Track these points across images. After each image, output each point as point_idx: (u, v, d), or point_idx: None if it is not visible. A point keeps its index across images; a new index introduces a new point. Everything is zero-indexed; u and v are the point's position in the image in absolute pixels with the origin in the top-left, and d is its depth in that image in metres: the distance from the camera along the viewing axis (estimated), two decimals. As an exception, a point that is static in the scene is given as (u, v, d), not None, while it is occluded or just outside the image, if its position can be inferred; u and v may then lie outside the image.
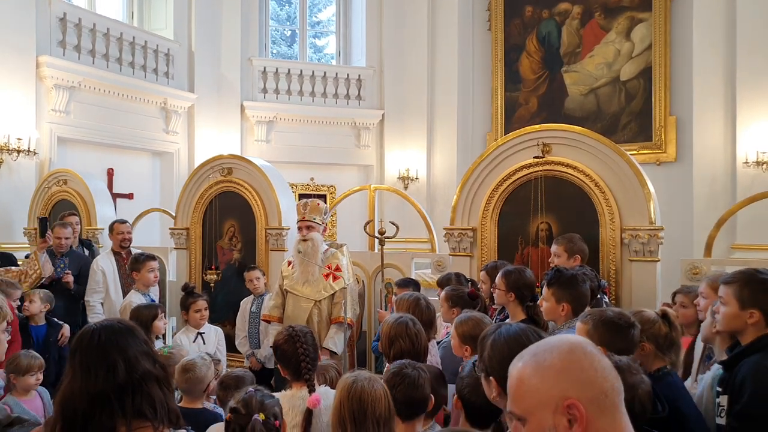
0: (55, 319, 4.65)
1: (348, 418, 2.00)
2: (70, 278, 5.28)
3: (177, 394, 3.33)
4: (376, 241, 4.70)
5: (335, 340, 4.28)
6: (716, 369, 2.40)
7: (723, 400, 2.16)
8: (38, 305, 4.41)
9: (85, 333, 1.63)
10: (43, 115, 7.50)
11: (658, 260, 3.88)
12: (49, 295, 4.55)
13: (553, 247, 3.66)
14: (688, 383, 2.74)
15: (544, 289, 2.74)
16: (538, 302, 2.96)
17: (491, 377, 1.65)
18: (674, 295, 3.46)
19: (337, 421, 2.03)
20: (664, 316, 2.45)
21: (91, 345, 1.60)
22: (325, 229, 4.62)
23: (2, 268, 5.03)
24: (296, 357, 2.76)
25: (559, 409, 1.13)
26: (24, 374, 3.22)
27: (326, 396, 2.57)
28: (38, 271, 4.87)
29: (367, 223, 4.44)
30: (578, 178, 4.06)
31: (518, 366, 1.21)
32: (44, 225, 5.01)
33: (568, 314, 2.64)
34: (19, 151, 6.83)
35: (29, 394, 3.27)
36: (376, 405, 2.00)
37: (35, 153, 7.02)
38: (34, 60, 7.34)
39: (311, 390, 2.67)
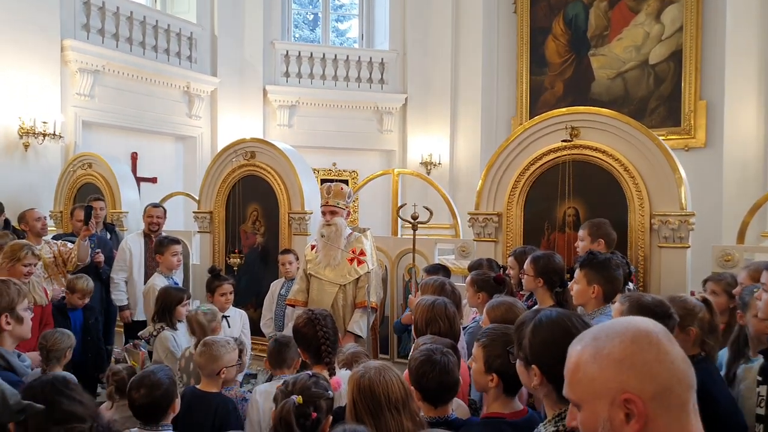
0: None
1: (365, 413, 1.96)
2: (100, 257, 5.37)
3: (185, 378, 3.36)
4: (399, 225, 4.66)
5: (360, 324, 4.28)
6: (756, 359, 2.34)
7: (763, 389, 2.09)
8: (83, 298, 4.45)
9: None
10: (68, 98, 7.58)
11: (689, 247, 3.78)
12: (91, 287, 4.57)
13: (579, 232, 3.60)
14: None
15: (576, 271, 2.68)
16: (568, 287, 2.90)
17: (533, 365, 1.59)
18: (705, 282, 3.36)
19: (352, 418, 1.99)
20: (705, 301, 2.41)
21: None
22: (348, 214, 4.60)
23: (61, 241, 5.17)
24: (316, 340, 2.75)
25: (616, 402, 1.05)
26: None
27: (347, 379, 2.55)
28: (75, 256, 4.97)
29: (401, 207, 4.39)
30: (607, 162, 3.96)
31: (577, 349, 1.13)
32: (89, 213, 5.07)
33: (599, 298, 2.58)
34: (44, 135, 6.91)
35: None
36: (390, 392, 1.96)
37: (60, 137, 7.10)
38: (59, 44, 7.40)
39: (332, 373, 2.66)
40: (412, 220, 4.33)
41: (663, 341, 1.08)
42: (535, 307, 2.97)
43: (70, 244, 5.14)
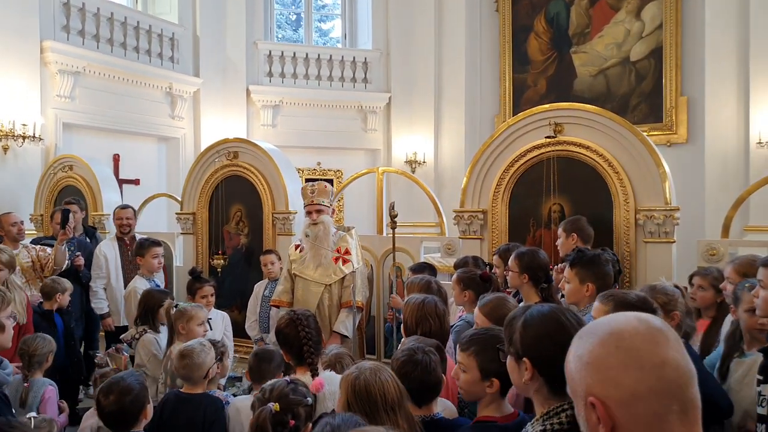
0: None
1: (360, 414, 1.92)
2: (81, 261, 5.27)
3: (168, 378, 3.30)
4: (385, 224, 4.63)
5: (346, 324, 4.25)
6: (751, 356, 2.36)
7: (765, 389, 2.06)
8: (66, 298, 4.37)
9: None
10: (48, 100, 7.45)
11: (674, 242, 3.80)
12: (66, 286, 4.48)
13: (558, 230, 3.63)
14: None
15: (567, 270, 2.68)
16: (553, 283, 2.90)
17: (524, 358, 1.57)
18: (692, 277, 3.38)
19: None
20: (677, 287, 2.54)
21: None
22: (333, 212, 4.57)
23: (40, 245, 5.06)
24: (298, 341, 2.72)
25: (587, 403, 1.03)
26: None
27: (330, 380, 2.51)
28: (53, 262, 4.88)
29: (391, 205, 4.34)
30: (591, 158, 3.97)
31: (571, 346, 1.12)
32: (66, 217, 4.97)
33: (593, 295, 2.58)
34: (24, 137, 6.79)
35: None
36: (387, 393, 1.94)
37: (41, 139, 6.99)
38: (38, 45, 7.27)
39: (314, 374, 2.63)
40: (391, 219, 4.30)
41: (639, 346, 1.00)
42: (522, 303, 2.96)
43: (49, 249, 5.04)
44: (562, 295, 2.99)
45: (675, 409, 0.97)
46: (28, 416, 2.56)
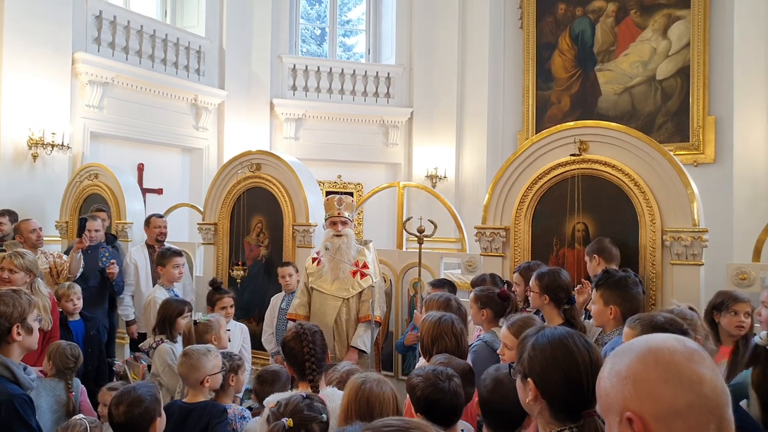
0: (86, 313, 4.66)
1: (357, 418, 1.98)
2: (114, 269, 5.29)
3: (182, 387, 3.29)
4: (405, 239, 4.60)
5: (363, 339, 4.20)
6: None
7: None
8: (78, 304, 4.41)
9: None
10: (77, 110, 7.61)
11: (702, 264, 3.70)
12: (75, 291, 4.53)
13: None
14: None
15: (593, 291, 2.62)
16: (575, 304, 2.83)
17: (529, 379, 1.54)
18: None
19: (344, 419, 2.04)
20: (691, 309, 2.48)
21: None
22: (354, 227, 4.55)
23: (57, 252, 5.11)
24: (301, 356, 2.69)
25: (622, 419, 1.03)
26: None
27: (332, 398, 2.48)
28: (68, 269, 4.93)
29: (407, 220, 4.33)
30: (617, 177, 3.90)
31: (604, 364, 1.13)
32: (83, 225, 5.02)
33: (617, 318, 2.51)
34: (53, 146, 6.93)
35: None
36: (384, 407, 2.00)
37: (68, 147, 7.12)
38: (70, 56, 7.44)
39: (315, 391, 2.59)
40: (417, 234, 4.27)
41: (678, 361, 1.01)
42: (543, 324, 2.89)
43: (65, 257, 5.10)
44: (588, 316, 2.92)
45: (712, 428, 0.98)
46: (77, 417, 2.58)
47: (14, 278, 3.59)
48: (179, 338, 3.74)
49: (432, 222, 4.33)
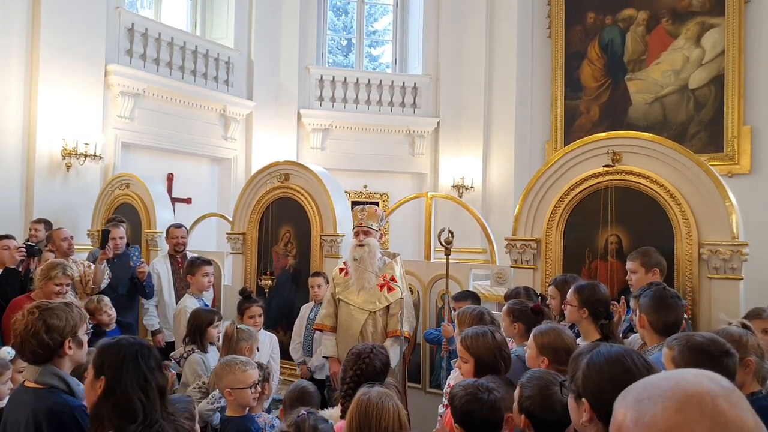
0: (121, 319, 4.69)
1: (355, 429, 2.06)
2: (145, 268, 5.36)
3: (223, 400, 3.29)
4: (433, 250, 4.56)
5: (391, 354, 4.16)
6: None
7: None
8: (112, 315, 4.45)
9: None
10: (109, 120, 7.76)
11: (742, 278, 3.59)
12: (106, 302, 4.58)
13: (629, 264, 3.44)
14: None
15: (633, 305, 2.54)
16: (614, 319, 2.76)
17: (584, 399, 1.49)
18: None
19: (347, 429, 2.12)
20: (745, 327, 2.28)
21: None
22: (381, 237, 4.52)
23: (87, 261, 5.18)
24: (346, 375, 2.67)
25: None
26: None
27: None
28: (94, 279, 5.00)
29: (441, 232, 4.30)
30: (651, 188, 3.81)
31: (620, 407, 0.99)
32: (105, 237, 5.10)
33: (658, 330, 2.44)
34: (86, 156, 7.07)
35: None
36: (382, 419, 2.03)
37: (101, 157, 7.26)
38: (103, 68, 7.61)
39: (343, 415, 2.56)
40: (445, 245, 4.22)
41: (722, 406, 0.88)
42: (580, 339, 2.83)
43: (92, 266, 5.17)
44: (628, 331, 2.84)
45: None
46: None
47: (65, 291, 3.68)
48: (210, 348, 3.75)
49: (450, 231, 4.29)
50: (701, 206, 3.68)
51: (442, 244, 4.24)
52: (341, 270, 4.54)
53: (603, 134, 4.17)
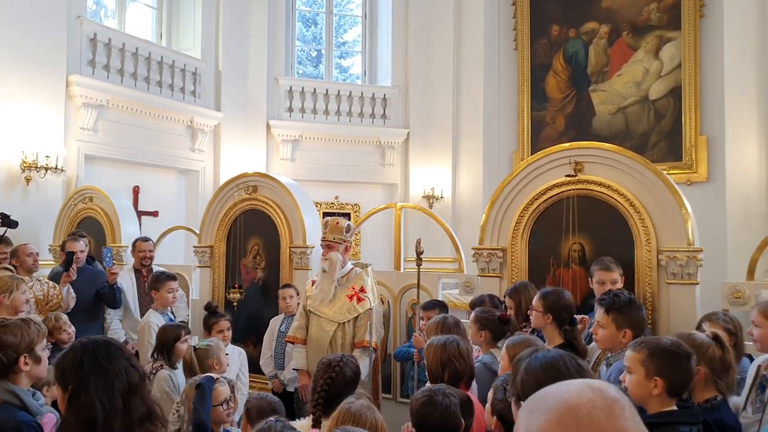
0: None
1: None
2: (117, 270, 5.27)
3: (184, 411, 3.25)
4: (403, 260, 4.59)
5: (360, 366, 4.16)
6: None
7: None
8: (71, 332, 4.35)
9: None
10: (71, 132, 7.60)
11: (698, 283, 3.71)
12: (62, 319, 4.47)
13: (603, 274, 3.46)
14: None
15: (601, 314, 2.59)
16: (577, 324, 2.83)
17: (521, 402, 1.53)
18: (700, 323, 3.19)
19: None
20: (716, 338, 2.30)
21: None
22: (347, 249, 4.52)
23: (51, 282, 5.03)
24: (317, 385, 2.66)
25: None
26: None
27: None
28: (59, 301, 4.87)
29: (418, 242, 4.33)
30: (612, 197, 3.92)
31: (520, 416, 1.00)
32: (70, 259, 5.00)
33: (630, 341, 2.49)
34: (47, 169, 6.90)
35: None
36: (358, 424, 2.06)
37: (62, 170, 7.10)
38: (65, 79, 7.46)
39: (315, 425, 2.55)
40: (416, 256, 4.26)
41: (597, 417, 0.89)
42: (542, 344, 2.88)
43: (55, 288, 5.03)
44: (588, 340, 2.91)
45: None
46: None
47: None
48: (179, 364, 3.70)
49: (417, 241, 4.33)
50: (659, 214, 3.80)
51: (417, 256, 4.28)
52: (313, 283, 4.54)
53: (566, 144, 4.27)
